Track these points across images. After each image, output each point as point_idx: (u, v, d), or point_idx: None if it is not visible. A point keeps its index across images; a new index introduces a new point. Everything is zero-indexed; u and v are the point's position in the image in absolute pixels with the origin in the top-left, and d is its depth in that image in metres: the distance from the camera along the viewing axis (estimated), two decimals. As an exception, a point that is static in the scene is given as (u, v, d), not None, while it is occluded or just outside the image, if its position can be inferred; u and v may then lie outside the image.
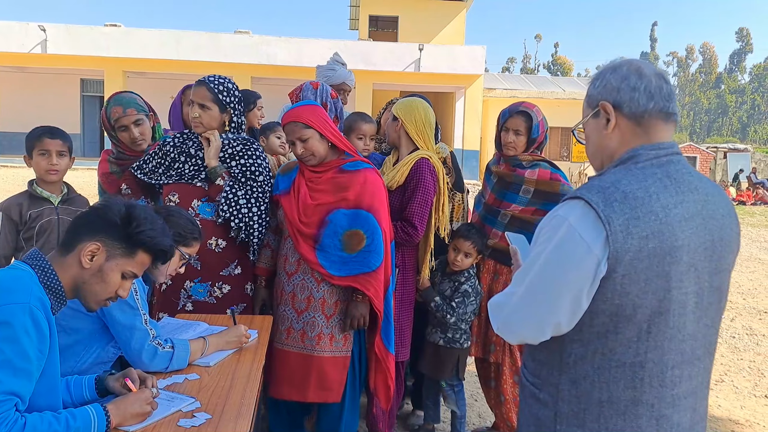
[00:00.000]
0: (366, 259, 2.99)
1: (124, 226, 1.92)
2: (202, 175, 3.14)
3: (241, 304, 3.21)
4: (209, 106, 3.11)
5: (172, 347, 2.36)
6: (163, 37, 21.31)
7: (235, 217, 3.08)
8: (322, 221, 3.03)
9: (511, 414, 3.44)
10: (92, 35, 21.31)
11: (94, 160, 3.15)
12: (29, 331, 1.70)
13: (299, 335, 3.08)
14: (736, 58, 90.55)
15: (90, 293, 1.92)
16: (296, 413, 3.31)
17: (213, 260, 3.14)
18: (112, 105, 3.38)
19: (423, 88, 21.93)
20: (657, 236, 1.45)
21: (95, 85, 23.94)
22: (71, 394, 2.05)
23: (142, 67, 21.62)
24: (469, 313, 3.38)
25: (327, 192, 3.06)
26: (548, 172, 3.35)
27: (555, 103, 24.52)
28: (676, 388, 1.53)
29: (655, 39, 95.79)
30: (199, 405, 2.08)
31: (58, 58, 21.27)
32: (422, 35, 24.38)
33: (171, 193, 3.15)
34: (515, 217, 3.39)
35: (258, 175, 3.18)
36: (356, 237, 3.00)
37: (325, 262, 3.02)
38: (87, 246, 1.88)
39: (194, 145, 3.19)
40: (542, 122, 3.39)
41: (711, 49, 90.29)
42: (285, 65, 21.13)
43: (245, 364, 2.46)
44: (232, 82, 3.22)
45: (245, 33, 22.43)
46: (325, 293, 3.07)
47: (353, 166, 3.09)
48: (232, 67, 21.17)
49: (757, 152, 31.68)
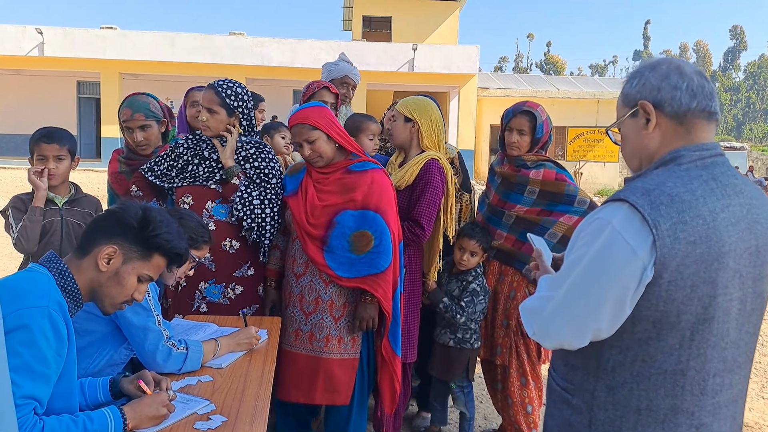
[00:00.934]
0: (374, 260, 2.98)
1: (140, 229, 1.93)
2: (216, 177, 3.16)
3: (253, 306, 3.23)
4: (216, 110, 3.11)
5: (186, 348, 2.37)
6: (158, 39, 21.28)
7: (248, 217, 3.10)
8: (330, 222, 3.02)
9: (519, 417, 3.42)
10: (88, 38, 21.28)
11: (91, 162, 3.10)
12: (47, 334, 1.71)
13: (307, 337, 3.08)
14: (731, 56, 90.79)
15: (106, 296, 1.93)
16: (303, 414, 3.31)
17: (227, 261, 3.15)
18: (124, 106, 3.42)
19: (417, 88, 21.90)
20: (704, 241, 1.42)
21: (92, 87, 23.89)
22: (85, 396, 2.06)
23: (137, 69, 21.57)
24: (479, 312, 3.38)
25: (334, 193, 3.05)
26: (553, 172, 3.33)
27: (549, 102, 24.52)
28: (717, 396, 1.51)
29: (649, 37, 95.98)
30: (214, 407, 2.09)
31: (54, 60, 21.22)
32: (416, 35, 24.38)
33: (185, 195, 3.17)
34: (520, 217, 3.38)
35: (272, 177, 3.20)
36: (364, 238, 2.99)
37: (333, 264, 3.01)
38: (104, 249, 1.89)
39: (208, 147, 3.20)
40: (546, 121, 3.37)
41: (705, 47, 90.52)
42: (279, 66, 21.14)
43: (257, 365, 2.48)
44: (242, 86, 3.22)
45: (240, 34, 22.43)
46: (334, 295, 3.07)
47: (361, 166, 3.08)
48: (227, 69, 21.12)
49: (753, 150, 31.83)
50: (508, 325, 3.42)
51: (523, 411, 3.41)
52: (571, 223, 3.27)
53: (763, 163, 31.04)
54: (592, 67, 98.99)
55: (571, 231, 3.27)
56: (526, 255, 3.32)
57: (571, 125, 24.62)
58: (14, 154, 22.98)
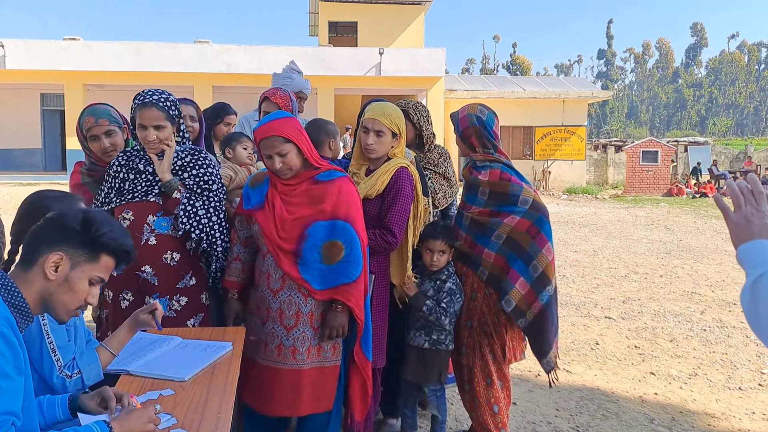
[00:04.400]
0: (346, 269, 2.95)
1: (84, 231, 1.89)
2: (155, 190, 3.09)
3: (199, 315, 3.19)
4: (164, 125, 3.07)
5: (80, 372, 2.28)
6: (122, 49, 21.12)
7: (196, 228, 3.06)
8: (301, 236, 2.96)
9: (486, 417, 3.42)
10: (51, 49, 21.08)
11: (56, 174, 3.04)
12: (2, 350, 1.66)
13: (290, 352, 3.01)
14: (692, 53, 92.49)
15: (59, 304, 1.89)
16: (273, 425, 3.27)
17: (169, 274, 3.11)
18: (86, 115, 3.37)
19: (384, 92, 21.98)
20: None
21: (55, 99, 23.60)
22: (44, 414, 2.03)
23: (102, 80, 21.36)
24: (457, 310, 3.39)
25: (303, 205, 2.99)
26: (498, 171, 3.34)
27: (516, 103, 24.77)
28: None
29: (612, 36, 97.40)
30: (176, 421, 2.06)
31: (17, 73, 20.97)
32: (382, 39, 24.50)
33: (124, 211, 3.09)
34: (474, 219, 3.40)
35: (212, 184, 3.16)
36: (335, 248, 2.95)
37: (307, 277, 2.97)
38: (50, 257, 1.85)
39: (142, 161, 3.14)
40: (464, 118, 3.43)
41: (667, 44, 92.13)
42: (246, 73, 21.07)
43: (220, 377, 2.44)
44: (170, 93, 3.19)
45: (205, 42, 22.31)
46: (313, 307, 3.02)
47: (327, 176, 3.02)
48: (193, 77, 21.05)
49: (716, 144, 32.41)
50: (471, 326, 3.44)
51: (490, 411, 3.41)
52: (513, 224, 3.27)
53: (727, 157, 31.63)
54: (558, 66, 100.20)
55: (514, 232, 3.27)
56: (478, 257, 3.36)
57: (538, 125, 24.91)
58: (-21, 168, 22.62)
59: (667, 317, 6.73)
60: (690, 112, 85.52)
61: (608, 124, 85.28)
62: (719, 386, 4.88)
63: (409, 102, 3.92)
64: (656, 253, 10.84)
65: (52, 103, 24.04)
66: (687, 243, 12.01)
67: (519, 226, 3.26)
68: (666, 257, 10.44)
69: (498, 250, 3.30)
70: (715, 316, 6.83)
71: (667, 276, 8.93)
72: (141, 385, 2.35)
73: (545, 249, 3.25)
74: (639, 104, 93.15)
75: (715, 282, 8.56)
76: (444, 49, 22.59)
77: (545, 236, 3.26)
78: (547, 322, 3.29)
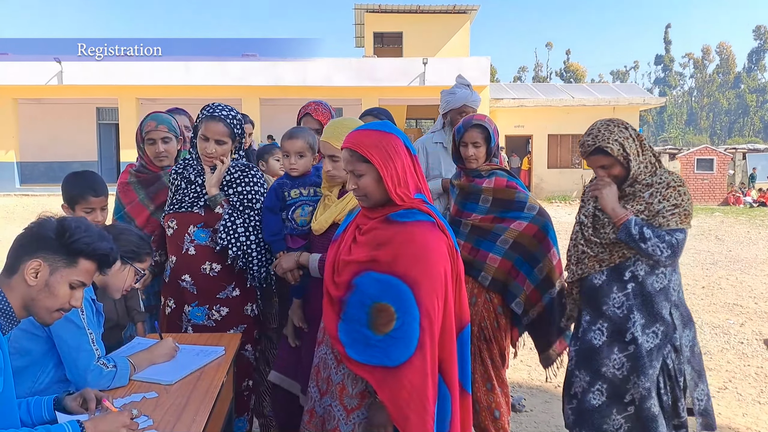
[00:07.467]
0: (388, 347, 2.19)
1: (58, 238, 1.98)
2: (201, 202, 3.15)
3: (241, 326, 3.21)
4: (225, 141, 3.13)
5: (115, 366, 2.41)
6: (172, 66, 21.78)
7: (233, 245, 3.09)
8: (349, 284, 2.31)
9: (487, 422, 3.42)
10: (105, 65, 21.82)
11: (111, 186, 3.16)
12: None
13: (320, 422, 2.46)
14: (755, 57, 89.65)
15: (41, 308, 1.98)
16: None
17: (208, 284, 3.16)
18: (149, 119, 3.55)
19: (429, 102, 22.07)
20: None
21: (110, 113, 24.43)
22: (31, 415, 2.10)
23: (154, 94, 22.01)
24: None
25: (364, 246, 2.33)
26: (504, 179, 3.42)
27: (564, 111, 24.44)
28: None
29: (670, 41, 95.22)
30: (152, 423, 2.10)
31: (73, 88, 21.82)
32: (427, 49, 24.54)
33: (170, 220, 3.19)
34: (475, 225, 3.43)
35: (255, 202, 3.18)
36: (384, 314, 2.21)
37: (345, 338, 2.29)
38: (29, 264, 1.94)
39: (194, 171, 3.22)
40: (495, 130, 3.45)
41: (728, 48, 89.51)
42: (291, 85, 21.47)
43: (204, 382, 2.48)
44: (237, 111, 3.25)
45: (252, 56, 22.82)
46: (345, 378, 2.38)
47: (403, 215, 2.29)
48: (241, 90, 21.50)
49: (778, 151, 31.22)
50: (471, 331, 3.43)
51: (491, 416, 3.41)
52: (521, 228, 3.36)
53: (789, 164, 30.45)
54: (613, 73, 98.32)
55: (521, 237, 3.36)
56: (481, 262, 3.39)
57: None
58: (38, 182, 23.49)
59: (704, 329, 6.53)
60: (753, 119, 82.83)
61: (666, 131, 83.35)
62: (749, 400, 4.73)
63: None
64: (702, 264, 10.53)
65: (107, 117, 24.89)
66: (736, 253, 11.64)
67: (527, 230, 3.36)
68: (711, 268, 10.13)
69: (504, 255, 3.38)
70: (755, 329, 6.62)
71: (709, 287, 8.67)
72: (128, 387, 2.42)
73: (551, 253, 3.37)
74: (699, 111, 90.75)
75: (760, 293, 8.28)
76: (489, 58, 22.50)
77: (551, 241, 3.38)
78: (548, 322, 3.40)
